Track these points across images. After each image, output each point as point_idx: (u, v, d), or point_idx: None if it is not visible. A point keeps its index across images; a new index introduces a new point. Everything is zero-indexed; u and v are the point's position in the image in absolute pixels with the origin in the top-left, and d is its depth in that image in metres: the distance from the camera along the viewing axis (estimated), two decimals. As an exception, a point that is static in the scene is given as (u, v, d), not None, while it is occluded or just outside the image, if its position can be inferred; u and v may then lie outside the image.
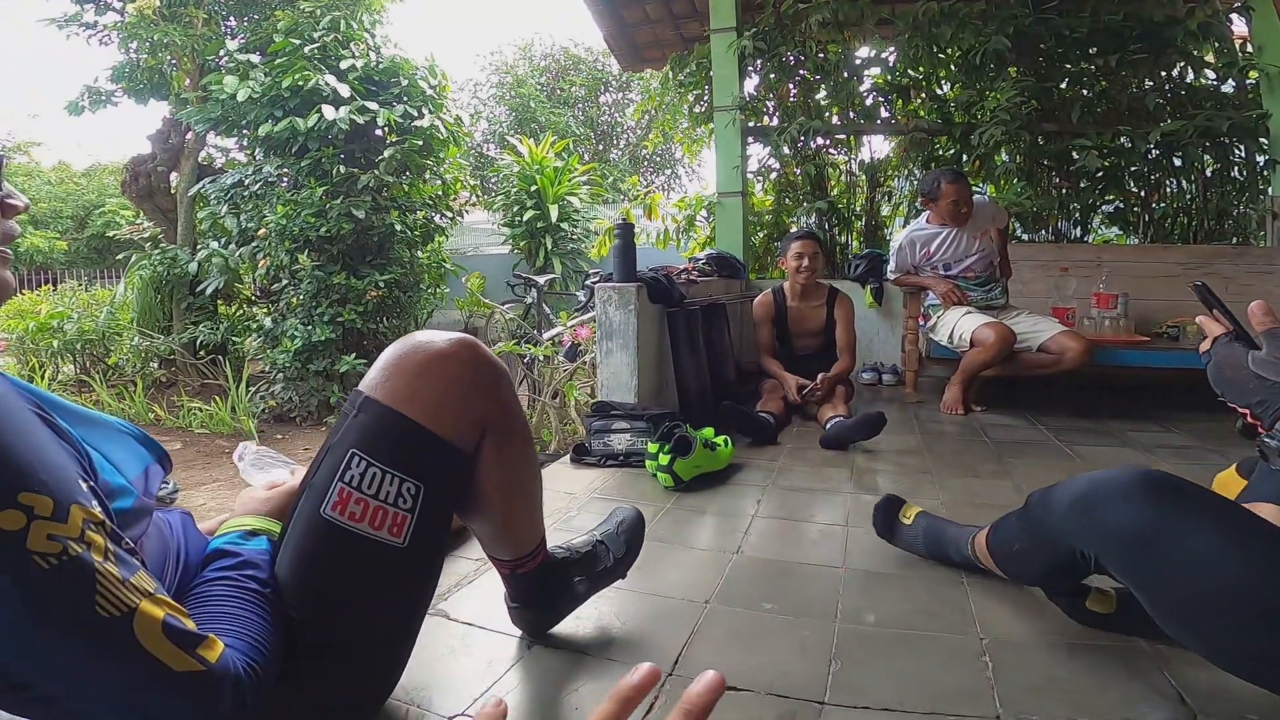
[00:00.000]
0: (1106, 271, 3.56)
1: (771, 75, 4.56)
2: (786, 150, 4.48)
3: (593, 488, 2.19)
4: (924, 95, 4.56)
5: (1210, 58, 4.19)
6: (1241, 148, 4.05)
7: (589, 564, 1.24)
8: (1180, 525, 0.79)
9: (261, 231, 4.87)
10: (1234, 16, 4.02)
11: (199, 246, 5.66)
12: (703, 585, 1.46)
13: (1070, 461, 2.39)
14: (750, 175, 4.67)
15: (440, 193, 5.80)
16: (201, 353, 5.56)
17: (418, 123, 5.15)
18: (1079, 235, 4.40)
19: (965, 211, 3.11)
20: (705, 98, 4.95)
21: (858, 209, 4.73)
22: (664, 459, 2.08)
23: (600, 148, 15.39)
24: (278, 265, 4.85)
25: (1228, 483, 1.32)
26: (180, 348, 5.52)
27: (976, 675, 1.10)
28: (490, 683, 1.11)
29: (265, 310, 5.32)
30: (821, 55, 4.46)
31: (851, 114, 4.56)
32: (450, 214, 5.89)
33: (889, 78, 4.50)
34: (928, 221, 3.24)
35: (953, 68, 4.45)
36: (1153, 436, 2.71)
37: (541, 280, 3.84)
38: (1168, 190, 4.28)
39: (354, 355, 4.65)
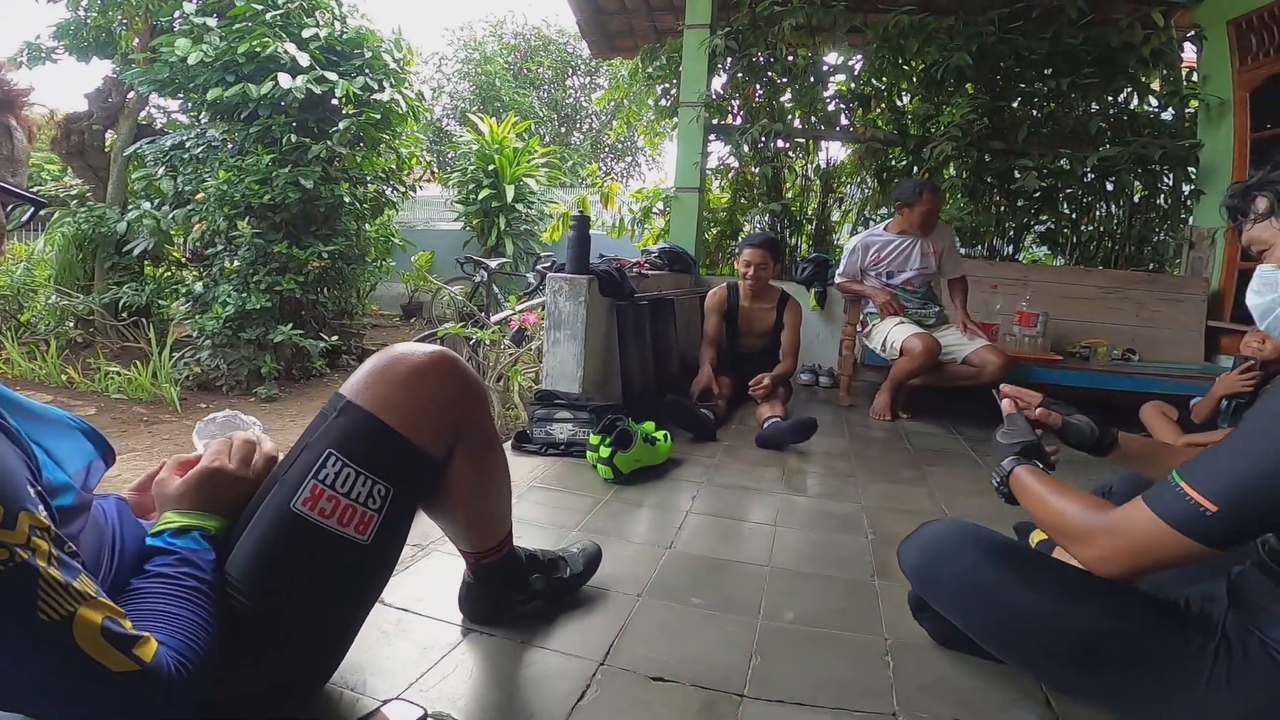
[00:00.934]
0: (1031, 291, 3.77)
1: (740, 75, 4.60)
2: (747, 150, 4.56)
3: (533, 476, 2.22)
4: (884, 105, 4.68)
5: (1156, 84, 4.38)
6: (1170, 175, 4.26)
7: (549, 569, 1.34)
8: (947, 568, 1.09)
9: (200, 195, 4.66)
10: (1186, 45, 4.19)
11: (129, 207, 5.37)
12: (636, 579, 1.52)
13: (978, 470, 2.55)
14: (708, 172, 4.73)
15: (394, 166, 5.67)
16: (123, 315, 5.28)
17: (377, 96, 5.03)
18: (1011, 253, 4.61)
19: (933, 223, 3.27)
20: (672, 91, 4.97)
21: (809, 213, 4.85)
22: (605, 451, 2.13)
23: (562, 130, 15.16)
24: (214, 230, 4.66)
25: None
26: (100, 308, 5.23)
27: (879, 673, 1.20)
28: (425, 667, 1.14)
29: (196, 274, 5.10)
30: (791, 59, 4.53)
31: (813, 119, 4.65)
32: (403, 188, 5.76)
33: (852, 86, 4.61)
34: (885, 229, 3.36)
35: (914, 80, 4.57)
36: (1058, 450, 2.92)
37: (493, 264, 3.80)
38: (1097, 214, 4.49)
39: (291, 325, 4.51)
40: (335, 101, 4.98)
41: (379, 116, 5.06)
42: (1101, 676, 0.92)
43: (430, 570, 1.49)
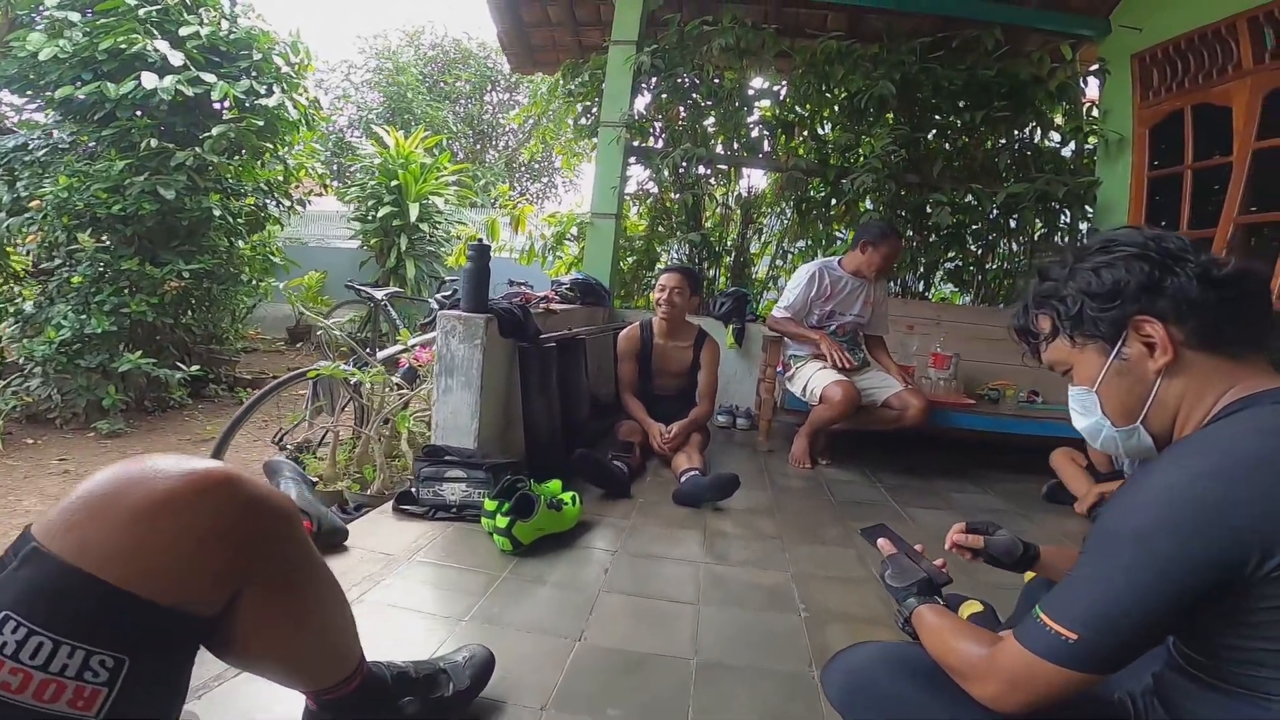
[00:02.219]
0: (945, 331, 3.78)
1: (664, 95, 4.44)
2: (668, 175, 4.40)
3: (415, 546, 1.90)
4: (806, 134, 4.63)
5: (1060, 119, 4.47)
6: (1067, 212, 4.32)
7: (425, 688, 1.08)
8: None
9: (35, 203, 4.03)
10: (1092, 80, 4.25)
11: (-47, 215, 4.63)
12: (539, 685, 1.26)
13: (905, 526, 2.43)
14: (627, 197, 4.54)
15: (280, 178, 5.16)
16: (-63, 338, 4.47)
17: (263, 100, 4.61)
18: (921, 290, 4.63)
19: (888, 270, 3.19)
20: (593, 110, 4.76)
21: (729, 244, 4.73)
22: (502, 521, 1.83)
23: (477, 147, 14.63)
24: (52, 242, 4.03)
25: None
26: (-91, 328, 4.40)
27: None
28: None
29: (29, 292, 4.40)
30: (717, 81, 4.41)
31: (735, 145, 4.55)
32: (288, 202, 5.24)
33: (777, 112, 4.55)
34: (840, 264, 3.23)
35: (836, 109, 4.56)
36: (972, 498, 2.87)
37: (380, 294, 3.40)
38: (999, 251, 4.55)
39: (140, 353, 3.94)
40: (218, 106, 4.57)
41: (262, 123, 4.59)
42: None
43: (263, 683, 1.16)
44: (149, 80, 4.10)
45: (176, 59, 4.23)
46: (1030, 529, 2.54)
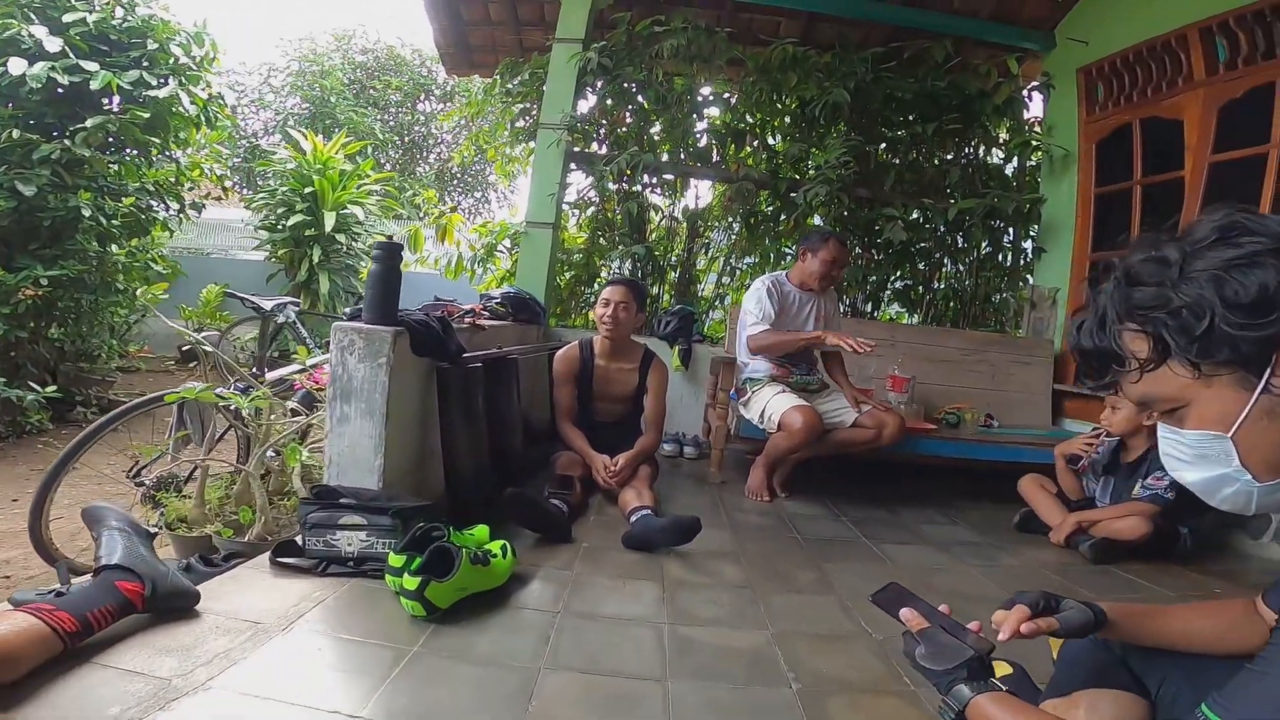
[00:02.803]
0: (902, 354, 3.62)
1: (609, 100, 4.16)
2: (611, 184, 4.10)
3: (296, 610, 1.50)
4: (757, 143, 4.44)
5: (1004, 135, 4.42)
6: (1011, 231, 4.26)
7: None
8: None
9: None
10: (1036, 96, 4.17)
11: None
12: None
13: (881, 565, 2.18)
14: (566, 206, 4.21)
15: (171, 179, 4.59)
16: None
17: (153, 92, 4.13)
18: (870, 310, 4.47)
19: (835, 275, 2.96)
20: (532, 112, 4.43)
21: (674, 259, 4.47)
22: (411, 582, 1.45)
23: (406, 158, 13.94)
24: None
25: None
26: None
27: None
28: None
29: None
30: (665, 85, 4.16)
31: (683, 154, 4.31)
32: (179, 206, 4.66)
33: (728, 119, 4.35)
34: (788, 277, 3.00)
35: (787, 119, 4.40)
36: (943, 530, 2.66)
37: (268, 304, 2.92)
38: (944, 270, 4.45)
39: (-13, 374, 3.33)
40: (107, 100, 4.12)
41: (148, 115, 4.06)
42: None
43: None
44: (16, 66, 3.67)
45: (54, 45, 3.80)
46: (1007, 561, 2.34)
